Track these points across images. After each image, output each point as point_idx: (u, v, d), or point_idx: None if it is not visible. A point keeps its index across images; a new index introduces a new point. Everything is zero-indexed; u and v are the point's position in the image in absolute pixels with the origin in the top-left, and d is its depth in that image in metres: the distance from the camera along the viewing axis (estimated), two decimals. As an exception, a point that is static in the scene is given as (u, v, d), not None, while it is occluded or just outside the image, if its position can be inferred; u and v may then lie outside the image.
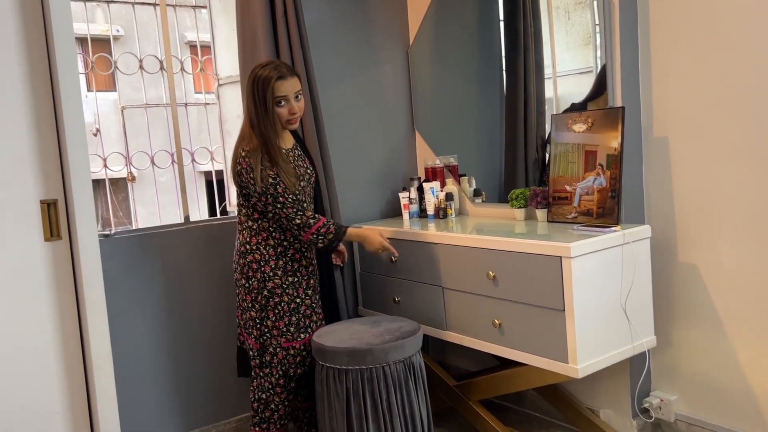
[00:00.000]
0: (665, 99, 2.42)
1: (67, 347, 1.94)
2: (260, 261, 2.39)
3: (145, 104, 3.12)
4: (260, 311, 2.41)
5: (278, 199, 2.31)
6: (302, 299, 2.45)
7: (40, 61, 1.90)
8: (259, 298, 2.40)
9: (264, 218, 2.39)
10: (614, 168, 2.38)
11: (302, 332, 2.44)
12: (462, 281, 2.49)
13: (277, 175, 2.31)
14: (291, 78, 2.34)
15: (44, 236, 1.89)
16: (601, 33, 2.53)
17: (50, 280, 1.90)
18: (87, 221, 1.92)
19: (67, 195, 1.92)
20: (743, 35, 2.18)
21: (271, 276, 2.39)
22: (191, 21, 3.22)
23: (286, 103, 2.34)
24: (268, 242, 2.40)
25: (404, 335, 2.30)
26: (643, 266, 2.33)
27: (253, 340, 2.44)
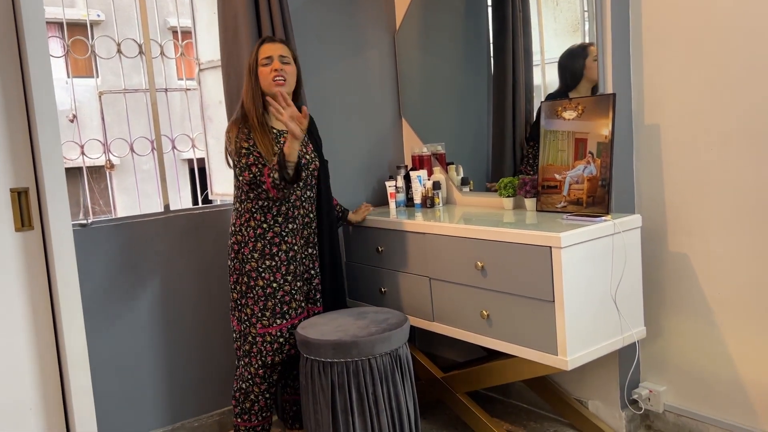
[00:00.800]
0: (656, 86, 2.38)
1: (40, 341, 1.86)
2: (241, 242, 2.41)
3: (124, 90, 3.02)
4: (240, 295, 2.42)
5: (245, 171, 2.31)
6: (280, 284, 2.40)
7: (9, 43, 1.81)
8: (240, 280, 2.42)
9: (248, 199, 2.39)
10: (605, 156, 2.34)
11: (278, 318, 2.40)
12: (450, 272, 2.44)
13: (252, 147, 2.32)
14: (278, 43, 2.43)
15: (15, 226, 1.81)
16: (589, 19, 2.48)
17: (22, 272, 1.82)
18: (60, 210, 1.84)
19: (39, 183, 1.83)
20: (735, 21, 2.14)
21: (249, 258, 2.40)
22: (173, 6, 3.11)
23: (270, 62, 2.38)
24: (249, 224, 2.40)
25: (391, 327, 2.25)
26: (633, 256, 2.29)
27: (236, 322, 2.46)
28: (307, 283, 2.54)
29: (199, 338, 2.83)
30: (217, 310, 2.86)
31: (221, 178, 3.07)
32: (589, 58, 2.54)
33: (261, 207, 2.39)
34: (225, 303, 2.87)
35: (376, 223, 2.77)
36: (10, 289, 1.82)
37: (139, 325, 2.68)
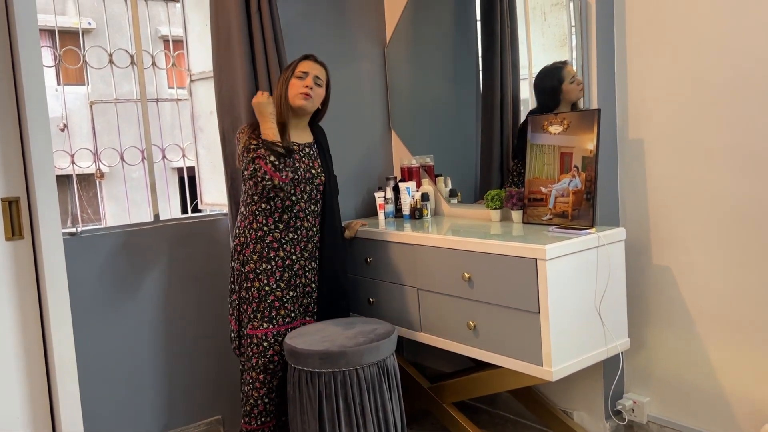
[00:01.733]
0: (641, 101, 2.43)
1: (28, 350, 1.87)
2: (243, 244, 2.47)
3: (115, 99, 3.04)
4: (241, 295, 2.48)
5: (249, 164, 2.34)
6: (272, 289, 2.45)
7: (2, 53, 1.83)
8: (240, 281, 2.48)
9: (253, 202, 2.45)
10: (589, 170, 2.38)
11: (265, 321, 2.44)
12: (437, 282, 2.47)
13: (259, 144, 2.37)
14: (318, 64, 2.54)
15: (5, 235, 1.82)
16: (576, 34, 2.53)
17: (11, 281, 1.83)
18: (51, 220, 1.85)
19: (30, 193, 1.85)
20: (718, 38, 2.20)
21: (248, 260, 2.46)
22: (165, 15, 3.14)
23: (305, 78, 2.48)
24: (252, 226, 2.46)
25: (378, 337, 2.27)
26: (617, 268, 2.33)
27: (234, 322, 2.52)
28: (307, 296, 2.57)
29: (187, 348, 2.83)
30: (206, 319, 2.87)
31: (211, 187, 3.08)
32: (566, 81, 2.59)
33: (264, 210, 2.45)
34: (215, 312, 2.88)
35: (365, 234, 2.79)
36: (1, 298, 1.82)
37: (127, 335, 2.68)
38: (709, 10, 2.21)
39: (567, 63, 2.60)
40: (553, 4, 2.82)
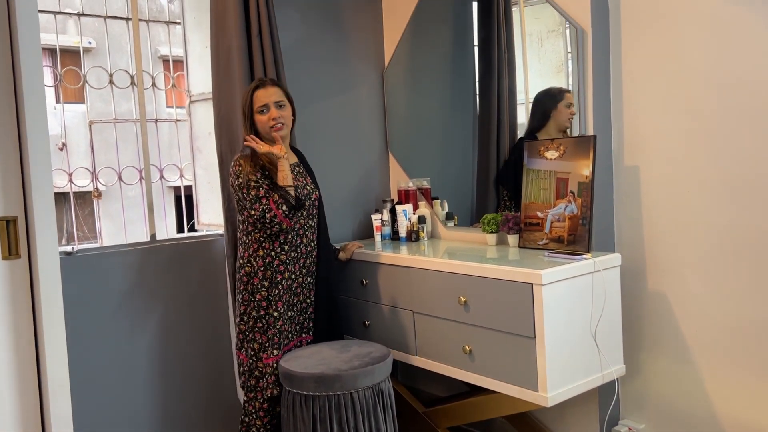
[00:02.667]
0: (636, 128, 2.45)
1: (21, 370, 1.86)
2: (250, 273, 2.43)
3: (114, 119, 3.05)
4: (249, 327, 2.43)
5: (255, 204, 2.33)
6: (280, 314, 2.44)
7: (4, 71, 1.84)
8: (248, 311, 2.43)
9: (256, 229, 2.41)
10: (585, 195, 2.39)
11: (275, 348, 2.42)
12: (433, 306, 2.47)
13: (260, 180, 2.36)
14: (271, 87, 2.45)
15: (2, 254, 1.82)
16: (572, 61, 2.56)
17: (6, 300, 1.82)
18: (48, 240, 1.85)
19: (28, 212, 1.85)
20: (711, 68, 2.23)
21: (259, 288, 2.42)
22: (165, 35, 3.18)
23: (267, 111, 2.42)
24: (258, 253, 2.43)
25: (374, 361, 2.26)
26: (613, 294, 2.33)
27: (244, 354, 2.46)
28: (303, 313, 2.56)
29: (182, 368, 2.82)
30: (200, 340, 2.86)
31: (208, 208, 3.09)
32: (562, 102, 2.64)
33: (270, 236, 2.42)
34: (210, 333, 2.87)
35: (361, 256, 2.79)
36: (-6, 317, 1.81)
37: (121, 355, 2.66)
38: (702, 41, 2.24)
39: (569, 90, 2.64)
40: (549, 31, 2.86)
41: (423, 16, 3.16)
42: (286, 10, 2.94)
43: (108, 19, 3.11)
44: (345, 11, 3.19)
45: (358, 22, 3.23)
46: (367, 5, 3.27)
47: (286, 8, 2.94)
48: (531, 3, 2.86)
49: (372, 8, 3.29)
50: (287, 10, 2.95)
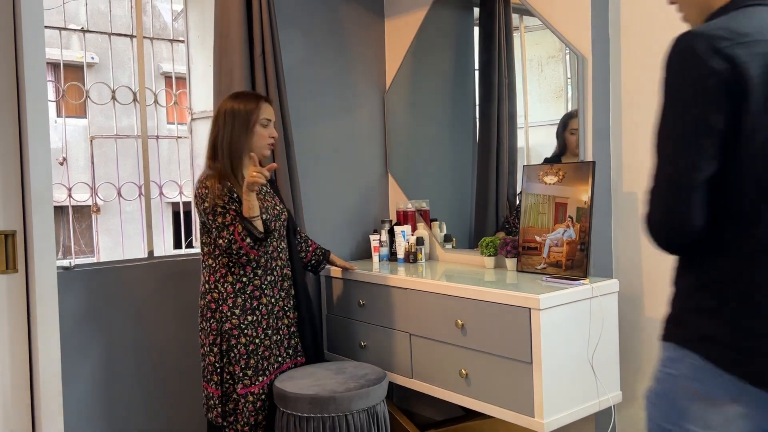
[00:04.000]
0: (635, 154, 2.47)
1: (15, 385, 1.84)
2: (218, 300, 2.30)
3: (116, 135, 3.07)
4: (220, 356, 2.30)
5: (221, 232, 2.22)
6: (261, 340, 2.33)
7: (9, 87, 1.86)
8: (218, 341, 2.30)
9: (224, 254, 2.29)
10: (584, 221, 2.40)
11: (260, 375, 2.31)
12: (430, 328, 2.46)
13: (227, 205, 2.22)
14: (271, 106, 2.43)
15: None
16: (572, 86, 2.59)
17: (3, 314, 1.82)
18: (46, 254, 1.85)
19: (27, 227, 1.85)
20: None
21: (229, 316, 2.28)
22: (168, 52, 3.20)
23: (268, 125, 2.37)
24: (227, 279, 2.31)
25: (369, 383, 2.25)
26: (610, 320, 2.33)
27: (213, 387, 2.31)
28: (292, 336, 2.49)
29: (175, 386, 2.79)
30: (196, 358, 2.84)
31: (207, 225, 3.09)
32: (568, 129, 2.65)
33: (238, 260, 2.30)
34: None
35: (359, 276, 2.79)
36: (-11, 332, 1.81)
37: (116, 370, 2.64)
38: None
39: (574, 116, 2.64)
40: (549, 57, 2.89)
41: (425, 40, 3.20)
42: (289, 31, 2.97)
43: (112, 36, 3.14)
44: (348, 33, 3.22)
45: (360, 43, 3.26)
46: (369, 27, 3.30)
47: (289, 29, 2.96)
48: (531, 29, 2.89)
49: (374, 30, 3.32)
50: (290, 30, 2.98)
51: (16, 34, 1.87)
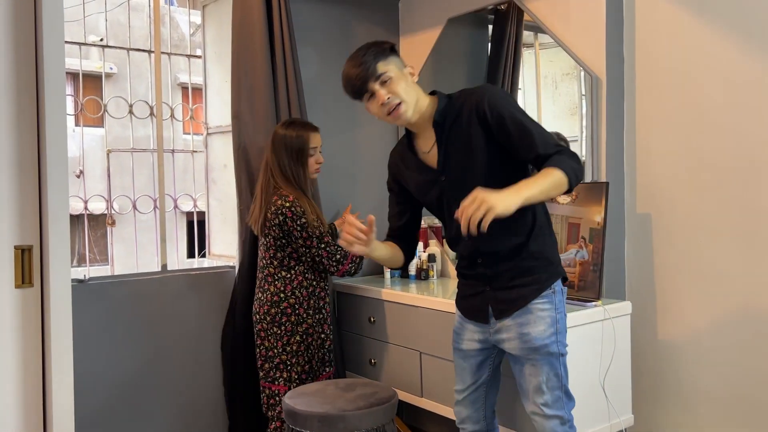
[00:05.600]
0: (649, 176, 2.46)
1: (27, 398, 1.86)
2: (295, 305, 2.53)
3: (132, 148, 3.10)
4: (291, 355, 2.52)
5: (323, 239, 2.51)
6: (327, 334, 2.60)
7: (29, 102, 1.88)
8: (291, 342, 2.52)
9: (299, 263, 2.53)
10: (597, 242, 2.39)
11: (327, 366, 2.60)
12: (441, 347, 2.45)
13: (318, 219, 2.53)
14: (318, 133, 2.63)
15: (15, 283, 1.83)
16: (587, 103, 2.58)
17: (17, 328, 1.83)
18: (61, 269, 1.86)
19: (43, 241, 1.87)
20: (725, 118, 2.24)
21: (305, 317, 2.54)
22: (185, 63, 3.24)
23: (315, 154, 2.59)
24: (302, 285, 2.55)
25: (379, 402, 2.24)
26: (622, 343, 2.31)
27: (282, 384, 2.52)
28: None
29: (186, 400, 2.80)
30: (206, 371, 2.85)
31: (219, 239, 3.11)
32: None
33: (313, 266, 2.56)
34: (215, 365, 2.86)
35: (370, 293, 2.79)
36: (4, 345, 1.82)
37: (128, 382, 2.66)
38: (716, 92, 2.26)
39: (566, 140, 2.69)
40: (564, 74, 2.89)
41: (439, 57, 3.21)
42: (305, 48, 2.99)
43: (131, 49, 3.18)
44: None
45: (375, 60, 3.28)
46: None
47: (305, 46, 2.99)
48: (546, 46, 2.90)
49: (389, 47, 3.34)
50: (306, 48, 3.00)
51: (37, 51, 1.89)
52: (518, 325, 1.87)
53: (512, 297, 1.88)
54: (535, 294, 1.87)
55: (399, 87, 1.83)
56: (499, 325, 1.91)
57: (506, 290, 1.89)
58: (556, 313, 1.89)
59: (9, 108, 1.85)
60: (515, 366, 1.93)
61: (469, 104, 1.84)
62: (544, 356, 1.86)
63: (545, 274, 1.89)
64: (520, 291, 1.87)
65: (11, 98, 1.86)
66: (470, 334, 1.99)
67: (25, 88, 1.88)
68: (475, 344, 1.98)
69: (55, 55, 1.91)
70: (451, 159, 1.88)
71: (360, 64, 1.82)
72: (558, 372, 1.88)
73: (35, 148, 1.89)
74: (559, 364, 1.88)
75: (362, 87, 1.83)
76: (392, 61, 1.87)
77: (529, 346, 1.85)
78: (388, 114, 1.85)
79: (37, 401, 1.88)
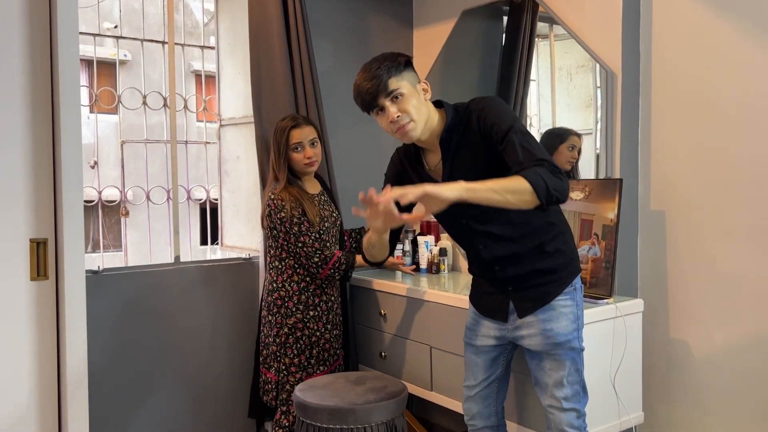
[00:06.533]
0: (663, 173, 2.43)
1: (42, 390, 1.89)
2: (284, 297, 2.54)
3: (146, 140, 3.12)
4: (281, 346, 2.53)
5: (300, 238, 2.49)
6: (322, 333, 2.58)
7: (44, 98, 1.90)
8: (281, 333, 2.53)
9: (289, 257, 2.55)
10: (609, 239, 2.38)
11: (321, 365, 2.58)
12: (450, 342, 2.46)
13: (303, 215, 2.50)
14: (306, 127, 2.57)
15: (30, 275, 1.86)
16: (601, 96, 2.56)
17: (32, 320, 1.87)
18: (75, 262, 1.89)
19: (58, 234, 1.89)
20: (742, 116, 2.21)
21: (294, 311, 2.54)
22: (198, 51, 3.24)
23: (302, 149, 2.53)
24: (293, 278, 2.56)
25: (389, 396, 2.25)
26: (633, 340, 2.31)
27: (272, 373, 2.57)
28: (341, 332, 2.70)
29: (199, 391, 2.83)
30: (219, 362, 2.88)
31: (232, 231, 3.13)
32: (564, 144, 2.65)
33: (300, 263, 2.55)
34: (232, 356, 2.89)
35: (381, 286, 2.80)
36: (20, 337, 1.85)
37: (142, 372, 2.69)
38: (733, 88, 2.23)
39: (577, 134, 2.66)
40: (579, 66, 2.86)
41: (453, 48, 3.18)
42: (320, 41, 2.99)
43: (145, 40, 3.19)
44: (376, 42, 3.23)
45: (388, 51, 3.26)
46: (398, 38, 3.31)
47: (319, 39, 2.98)
48: (561, 37, 2.87)
49: (402, 40, 3.32)
50: (320, 40, 3.00)
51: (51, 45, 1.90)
52: (541, 321, 1.88)
53: (535, 295, 1.89)
54: (558, 290, 1.88)
55: (410, 105, 1.81)
56: (518, 322, 1.92)
57: (528, 289, 1.90)
58: (577, 309, 1.91)
59: (25, 103, 1.87)
60: (532, 361, 1.94)
61: (473, 119, 1.84)
62: (566, 351, 1.88)
63: (566, 271, 1.90)
64: (543, 288, 1.89)
65: (27, 92, 1.88)
66: (485, 330, 2.00)
67: (40, 82, 1.90)
68: (491, 340, 2.00)
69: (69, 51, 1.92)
70: (455, 175, 1.85)
71: (372, 78, 1.80)
72: (579, 367, 1.90)
73: (50, 143, 1.91)
74: (579, 359, 1.91)
75: (372, 102, 1.82)
76: (405, 77, 1.84)
77: (552, 342, 1.87)
78: (396, 131, 1.84)
79: (53, 392, 1.91)
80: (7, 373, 1.84)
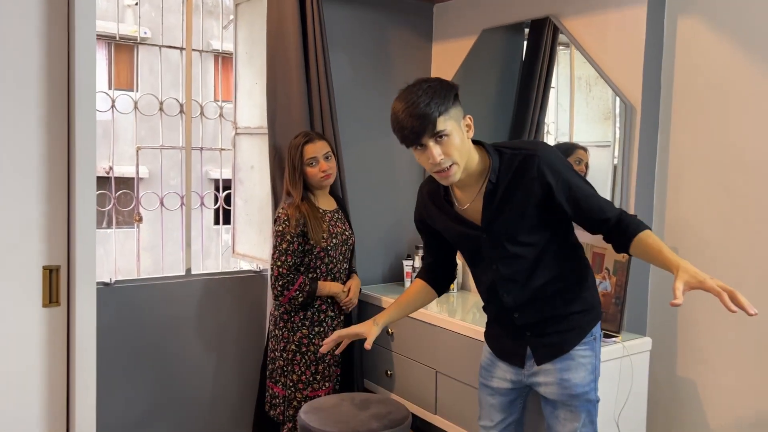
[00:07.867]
0: (678, 210, 2.41)
1: (52, 416, 1.92)
2: (290, 312, 2.55)
3: (161, 146, 3.12)
4: (288, 362, 2.56)
5: (281, 257, 2.48)
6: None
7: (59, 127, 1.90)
8: (287, 349, 2.55)
9: (299, 272, 2.53)
10: (620, 275, 2.36)
11: (327, 381, 2.59)
12: (457, 368, 2.47)
13: (301, 236, 2.48)
14: (319, 141, 2.58)
15: (43, 302, 1.88)
16: (620, 130, 2.52)
17: (43, 347, 1.89)
18: (87, 289, 1.90)
19: (70, 261, 1.91)
20: (759, 157, 2.17)
21: (300, 326, 2.55)
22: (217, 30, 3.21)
23: (317, 164, 2.55)
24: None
25: (392, 424, 2.27)
26: (640, 379, 2.30)
27: (280, 388, 2.59)
28: (349, 350, 2.73)
29: (208, 403, 2.87)
30: (227, 375, 2.91)
31: (244, 239, 3.14)
32: (570, 157, 2.62)
33: (312, 279, 2.55)
34: (241, 368, 2.92)
35: (388, 304, 2.79)
36: (31, 363, 1.88)
37: (151, 385, 2.73)
38: (753, 129, 2.18)
39: (583, 148, 2.62)
40: (598, 77, 2.82)
41: (472, 66, 3.14)
42: (337, 53, 2.96)
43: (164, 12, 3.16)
44: (394, 55, 3.20)
45: (405, 68, 3.23)
46: (416, 53, 3.27)
47: (337, 51, 2.96)
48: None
49: (421, 56, 3.29)
50: (338, 53, 2.97)
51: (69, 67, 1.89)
52: (558, 371, 1.85)
53: (554, 342, 1.85)
54: (578, 339, 1.85)
55: (454, 147, 1.70)
56: (535, 369, 1.89)
57: (547, 336, 1.86)
58: (596, 360, 1.88)
59: (41, 132, 1.87)
60: (547, 407, 1.92)
61: (527, 167, 1.75)
62: (583, 403, 1.85)
63: (586, 319, 1.87)
64: (561, 336, 1.85)
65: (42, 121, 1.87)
66: (501, 372, 1.98)
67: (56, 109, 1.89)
68: (507, 383, 1.97)
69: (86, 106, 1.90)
70: (499, 219, 1.80)
71: (419, 117, 1.66)
72: (593, 418, 1.88)
73: (65, 172, 1.91)
74: (594, 410, 1.88)
75: (415, 140, 1.71)
76: (453, 115, 1.72)
77: (568, 393, 1.84)
78: (437, 173, 1.74)
79: (61, 418, 1.95)
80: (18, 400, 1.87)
